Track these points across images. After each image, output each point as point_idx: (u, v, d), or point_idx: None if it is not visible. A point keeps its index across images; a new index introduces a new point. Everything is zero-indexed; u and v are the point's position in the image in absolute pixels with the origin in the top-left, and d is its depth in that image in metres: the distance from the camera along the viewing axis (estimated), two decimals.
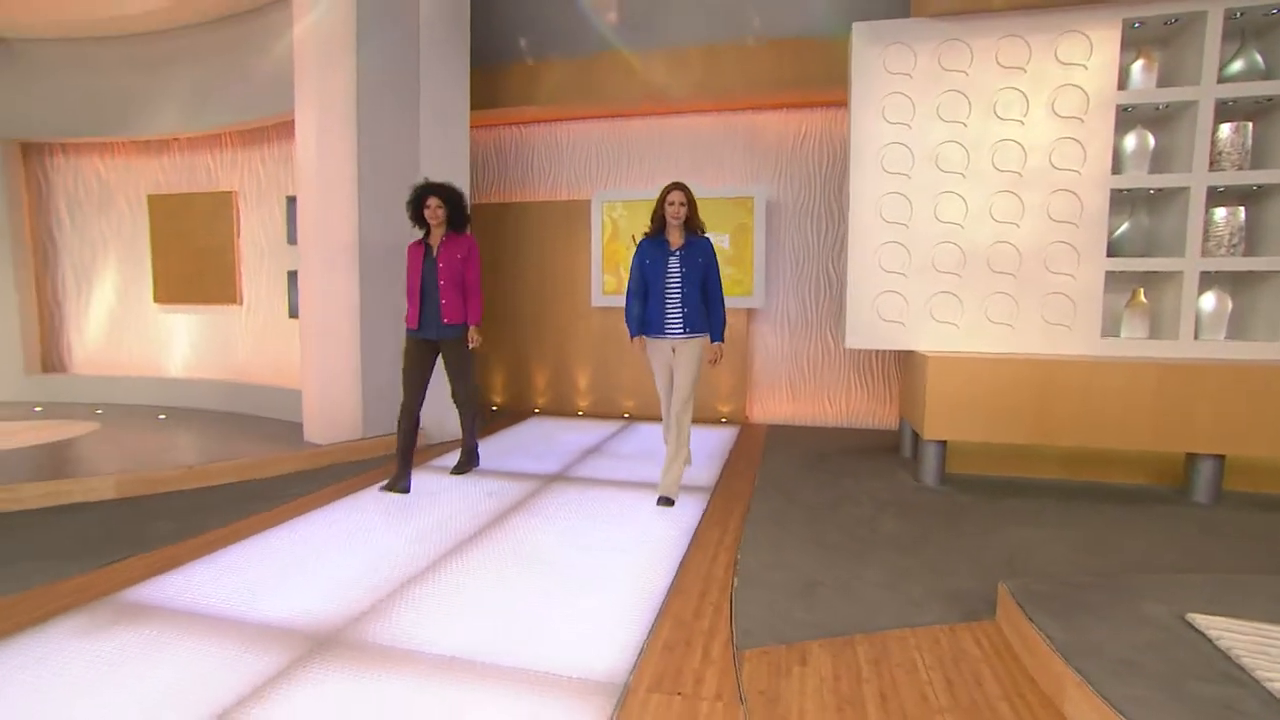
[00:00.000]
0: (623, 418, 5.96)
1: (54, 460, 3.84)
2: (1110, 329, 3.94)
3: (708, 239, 3.40)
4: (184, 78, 5.51)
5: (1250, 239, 3.74)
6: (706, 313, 3.38)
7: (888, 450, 4.71)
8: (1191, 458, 3.56)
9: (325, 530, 2.98)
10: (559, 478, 3.94)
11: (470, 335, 3.68)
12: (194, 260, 5.86)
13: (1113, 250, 3.88)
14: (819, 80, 5.15)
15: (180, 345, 6.11)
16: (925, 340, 4.04)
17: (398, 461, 3.62)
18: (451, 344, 3.68)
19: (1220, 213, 3.69)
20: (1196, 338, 3.72)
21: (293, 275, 5.12)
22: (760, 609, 2.26)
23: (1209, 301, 3.75)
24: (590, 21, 5.69)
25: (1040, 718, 1.66)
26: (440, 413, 4.87)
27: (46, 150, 6.21)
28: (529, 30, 5.96)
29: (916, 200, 4.01)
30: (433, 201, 3.58)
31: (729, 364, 5.84)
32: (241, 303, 5.78)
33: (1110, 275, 3.83)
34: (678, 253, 3.32)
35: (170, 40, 5.52)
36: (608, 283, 6.01)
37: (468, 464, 3.99)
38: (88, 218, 6.23)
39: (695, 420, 6.34)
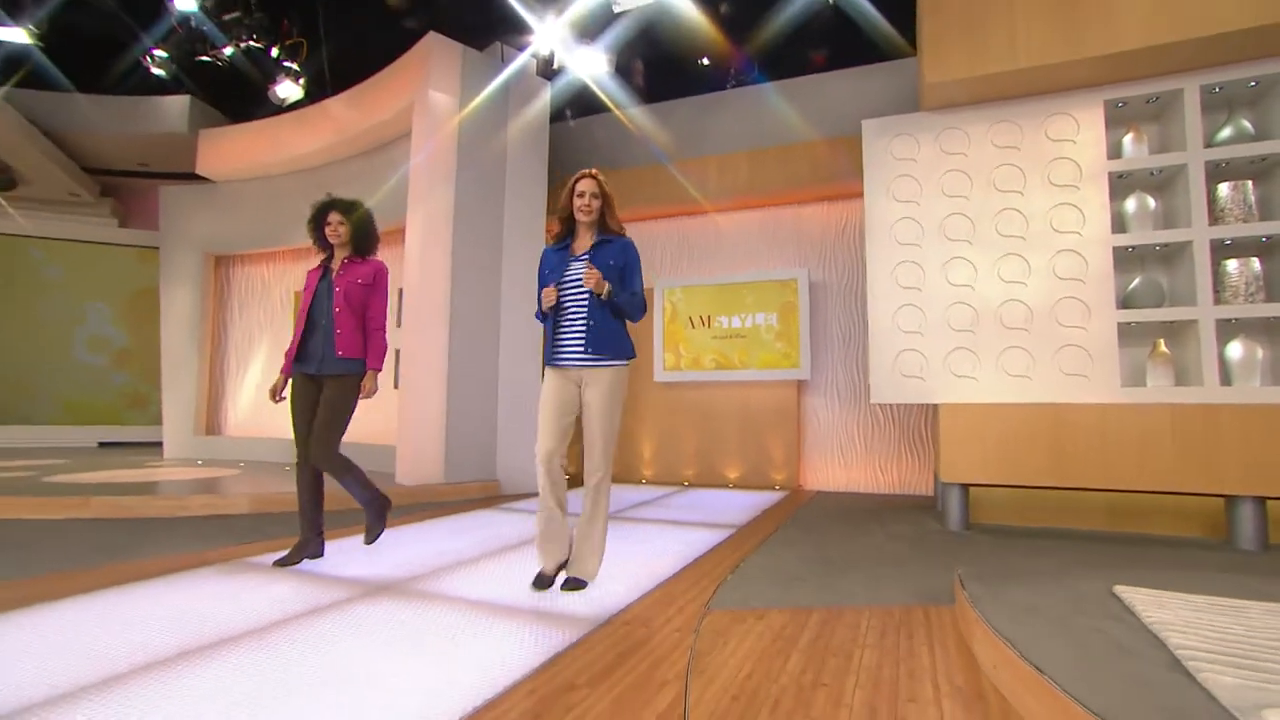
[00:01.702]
0: (682, 484, 6.35)
1: (209, 488, 4.87)
2: (1136, 379, 4.02)
3: (627, 239, 2.68)
4: None
5: (1270, 288, 3.81)
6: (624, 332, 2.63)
7: (927, 509, 4.79)
8: (1230, 502, 3.50)
9: (401, 537, 3.60)
10: (612, 518, 4.38)
11: (365, 382, 3.01)
12: None
13: (1127, 304, 4.05)
14: (854, 175, 5.77)
15: None
16: (946, 393, 4.28)
17: (300, 522, 3.01)
18: (335, 381, 2.96)
19: (1232, 264, 3.82)
20: (1228, 384, 3.74)
21: (398, 353, 6.14)
22: (742, 590, 2.59)
23: (1236, 350, 3.79)
24: (648, 144, 6.77)
25: (952, 655, 1.90)
26: (516, 461, 5.52)
27: (232, 260, 7.94)
28: (597, 147, 7.12)
29: (928, 266, 4.41)
30: (334, 218, 3.05)
31: (781, 433, 6.16)
32: None
33: (1128, 328, 3.98)
34: (584, 258, 2.59)
35: (325, 171, 7.11)
36: (667, 359, 6.64)
37: (379, 522, 3.13)
38: (250, 311, 7.79)
39: (751, 487, 6.62)
